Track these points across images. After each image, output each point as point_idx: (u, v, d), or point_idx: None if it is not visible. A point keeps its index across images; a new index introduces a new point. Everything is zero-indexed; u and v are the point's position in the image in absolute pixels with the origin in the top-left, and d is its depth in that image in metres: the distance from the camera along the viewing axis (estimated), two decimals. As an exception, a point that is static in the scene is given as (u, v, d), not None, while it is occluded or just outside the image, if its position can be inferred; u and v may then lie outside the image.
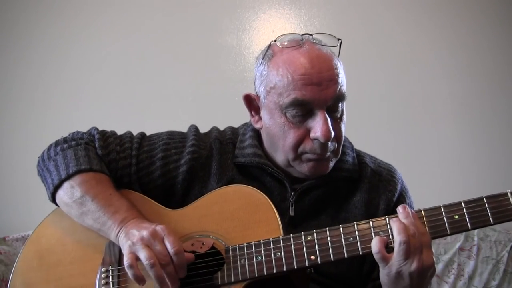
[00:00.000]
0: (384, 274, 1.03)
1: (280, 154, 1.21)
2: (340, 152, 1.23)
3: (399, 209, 1.03)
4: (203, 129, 1.39)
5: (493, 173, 2.65)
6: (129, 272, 1.04)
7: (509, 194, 1.01)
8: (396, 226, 1.01)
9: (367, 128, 2.61)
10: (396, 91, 2.74)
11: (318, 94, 1.13)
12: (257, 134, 1.31)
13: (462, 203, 1.03)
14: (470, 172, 2.68)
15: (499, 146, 2.70)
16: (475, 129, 2.72)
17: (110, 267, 1.15)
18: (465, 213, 1.02)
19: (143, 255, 1.03)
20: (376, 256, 1.02)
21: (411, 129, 2.73)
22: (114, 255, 1.16)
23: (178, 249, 1.04)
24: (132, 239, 1.07)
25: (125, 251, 1.07)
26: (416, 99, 2.74)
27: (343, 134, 1.22)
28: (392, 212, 1.23)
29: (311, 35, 1.20)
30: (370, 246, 1.03)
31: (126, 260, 1.04)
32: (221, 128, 1.38)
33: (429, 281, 1.06)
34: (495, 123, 2.71)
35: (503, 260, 2.42)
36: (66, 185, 1.21)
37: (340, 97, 1.16)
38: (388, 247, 1.02)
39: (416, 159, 2.68)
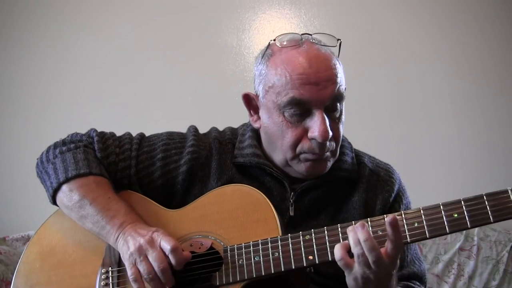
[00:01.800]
0: (351, 280, 1.03)
1: (278, 154, 1.21)
2: (338, 152, 1.23)
3: (357, 224, 1.00)
4: (203, 129, 1.39)
5: (493, 171, 2.65)
6: (135, 286, 1.07)
7: (509, 192, 0.99)
8: (351, 236, 0.99)
9: (367, 128, 2.61)
10: (396, 91, 2.74)
11: (316, 94, 1.13)
12: (256, 134, 1.30)
13: (462, 201, 1.00)
14: (470, 171, 2.67)
15: (499, 144, 2.70)
16: (475, 128, 2.71)
17: (110, 268, 1.15)
18: (465, 211, 0.99)
19: (142, 268, 1.06)
20: (339, 263, 1.01)
21: (411, 129, 2.73)
22: (114, 256, 1.16)
23: (173, 246, 1.05)
24: (130, 249, 1.08)
25: (125, 262, 1.09)
26: (416, 98, 2.74)
27: (342, 134, 1.21)
28: (388, 212, 1.23)
29: (311, 35, 1.20)
30: None
31: (130, 275, 1.07)
32: (221, 128, 1.38)
33: (395, 276, 1.06)
34: (495, 122, 2.71)
35: (503, 260, 2.42)
36: (65, 188, 1.21)
37: (338, 97, 1.16)
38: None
39: (415, 158, 2.68)
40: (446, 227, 1.00)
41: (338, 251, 1.01)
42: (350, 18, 2.76)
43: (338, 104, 1.18)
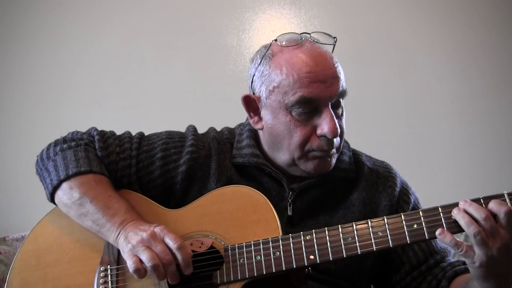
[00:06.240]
0: (476, 269, 1.00)
1: (284, 154, 1.22)
2: (341, 148, 1.25)
3: (461, 203, 1.01)
4: (203, 129, 1.39)
5: (495, 172, 2.65)
6: (137, 276, 1.05)
7: (505, 195, 1.02)
8: (462, 218, 0.99)
9: (368, 128, 2.61)
10: (397, 91, 2.73)
11: (323, 91, 1.14)
12: (253, 134, 1.31)
13: (459, 204, 1.02)
14: (471, 173, 2.67)
15: (499, 146, 2.70)
16: (475, 129, 2.71)
17: (108, 266, 1.15)
18: None
19: (144, 257, 1.04)
20: (460, 253, 0.99)
21: (412, 129, 2.72)
22: (112, 254, 1.16)
23: (180, 243, 1.05)
24: (132, 242, 1.07)
25: (126, 255, 1.08)
26: (417, 99, 2.73)
27: (344, 129, 1.23)
28: (396, 206, 1.26)
29: (309, 34, 1.22)
30: (368, 245, 1.03)
31: (131, 265, 1.04)
32: (219, 128, 1.39)
33: None
34: (496, 123, 2.70)
35: (503, 260, 2.40)
36: (64, 186, 1.21)
37: (343, 93, 1.19)
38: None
39: (416, 159, 2.67)
40: (445, 228, 1.02)
41: (453, 241, 0.99)
42: (350, 18, 2.76)
43: (341, 101, 1.20)
